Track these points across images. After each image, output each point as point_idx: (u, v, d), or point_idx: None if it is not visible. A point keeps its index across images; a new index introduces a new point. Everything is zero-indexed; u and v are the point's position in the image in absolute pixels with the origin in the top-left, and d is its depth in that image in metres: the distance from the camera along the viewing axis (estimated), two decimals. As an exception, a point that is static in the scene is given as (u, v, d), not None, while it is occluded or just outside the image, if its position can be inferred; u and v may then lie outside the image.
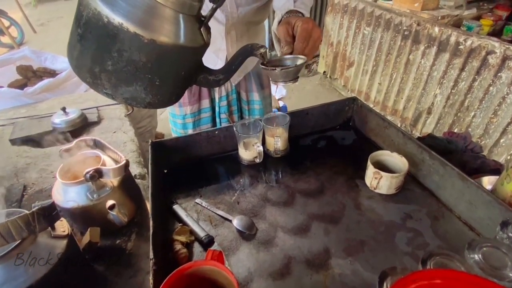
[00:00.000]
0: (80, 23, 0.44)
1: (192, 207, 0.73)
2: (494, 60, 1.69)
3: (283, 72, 0.62)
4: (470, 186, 0.60)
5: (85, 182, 0.74)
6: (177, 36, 0.45)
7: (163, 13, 0.43)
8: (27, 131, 1.27)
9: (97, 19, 0.41)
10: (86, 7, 0.42)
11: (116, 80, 0.47)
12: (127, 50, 0.43)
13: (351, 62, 2.72)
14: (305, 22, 0.68)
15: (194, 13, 0.47)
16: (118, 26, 0.41)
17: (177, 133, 1.22)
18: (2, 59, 1.75)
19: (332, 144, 0.94)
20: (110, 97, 0.49)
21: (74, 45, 0.48)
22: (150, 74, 0.46)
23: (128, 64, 0.44)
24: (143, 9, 0.42)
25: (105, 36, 0.42)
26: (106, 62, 0.45)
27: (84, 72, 0.48)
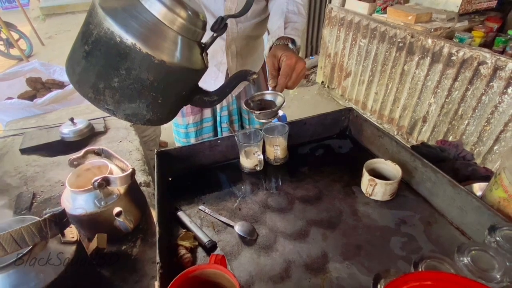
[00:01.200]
0: (88, 40, 0.45)
1: (196, 213, 0.75)
2: (486, 70, 1.71)
3: (261, 114, 0.69)
4: (460, 192, 0.62)
5: (93, 190, 0.75)
6: (184, 58, 0.47)
7: (172, 37, 0.45)
8: (36, 141, 1.29)
9: (109, 38, 0.43)
10: (98, 26, 0.44)
11: (120, 96, 0.47)
12: (136, 69, 0.45)
13: (348, 72, 2.74)
14: (289, 58, 0.70)
15: (198, 40, 0.50)
16: (131, 46, 0.42)
17: (180, 142, 1.24)
18: (12, 71, 1.78)
19: (329, 152, 0.95)
20: (111, 113, 0.50)
21: (78, 61, 0.48)
22: (155, 92, 0.48)
23: (135, 82, 0.46)
24: (155, 32, 0.44)
25: (115, 54, 0.44)
26: (112, 79, 0.46)
27: (86, 88, 0.48)
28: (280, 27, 0.82)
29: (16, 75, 1.78)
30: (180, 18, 0.46)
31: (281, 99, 0.71)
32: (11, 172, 1.13)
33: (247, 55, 1.05)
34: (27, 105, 1.54)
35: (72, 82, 0.49)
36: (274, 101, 0.73)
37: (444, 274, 0.42)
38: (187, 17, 0.46)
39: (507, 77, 1.62)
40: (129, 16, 0.44)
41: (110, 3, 0.44)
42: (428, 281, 0.42)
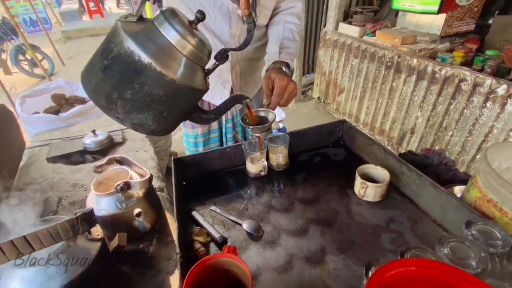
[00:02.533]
0: (108, 56, 0.47)
1: (208, 213, 0.77)
2: (466, 86, 1.75)
3: (256, 128, 0.73)
4: (441, 193, 0.65)
5: (115, 193, 0.77)
6: (190, 79, 0.50)
7: (182, 60, 0.49)
8: (61, 151, 1.31)
9: (128, 55, 0.45)
10: (119, 45, 0.46)
11: (131, 107, 0.49)
12: (149, 84, 0.47)
13: (342, 89, 2.76)
14: (281, 80, 0.74)
15: (203, 65, 0.53)
16: (147, 64, 0.45)
17: (190, 150, 1.26)
18: (39, 88, 1.83)
19: (325, 159, 0.97)
20: (120, 121, 0.51)
21: (95, 73, 0.50)
22: (162, 106, 0.50)
23: (146, 96, 0.48)
24: (168, 55, 0.47)
25: (132, 70, 0.46)
26: (126, 91, 0.47)
27: (100, 97, 0.50)
28: (275, 52, 0.85)
29: (43, 92, 1.83)
30: (190, 45, 0.49)
31: (273, 115, 0.75)
32: (38, 179, 1.16)
33: (250, 75, 1.10)
34: (52, 119, 1.58)
35: (86, 91, 0.51)
36: (267, 117, 0.76)
37: (426, 261, 0.45)
38: (196, 44, 0.49)
39: (485, 93, 1.65)
40: (148, 39, 0.47)
41: (132, 26, 0.48)
42: (412, 267, 0.45)
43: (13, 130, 1.30)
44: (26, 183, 1.15)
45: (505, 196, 0.54)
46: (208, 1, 0.85)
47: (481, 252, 0.48)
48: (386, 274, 0.44)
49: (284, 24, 0.92)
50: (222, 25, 0.90)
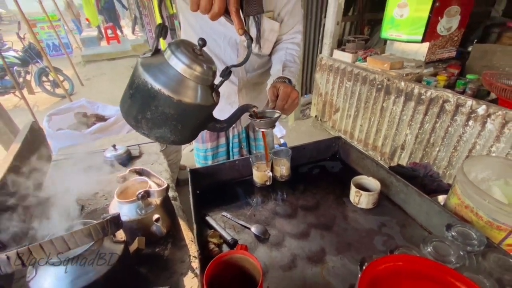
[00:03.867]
0: (132, 86, 0.55)
1: (220, 218, 0.79)
2: (450, 107, 1.80)
3: (262, 122, 0.73)
4: (425, 201, 0.69)
5: (136, 201, 0.80)
6: (195, 98, 0.55)
7: (187, 84, 0.54)
8: (84, 163, 1.36)
9: (144, 85, 0.52)
10: (138, 77, 0.53)
11: (152, 124, 0.55)
12: (162, 106, 0.53)
13: (337, 108, 2.81)
14: (286, 87, 0.80)
15: (209, 84, 0.58)
16: (158, 90, 0.51)
17: (200, 163, 1.29)
18: (64, 107, 1.91)
19: (323, 171, 1.00)
20: (146, 135, 0.58)
21: (126, 100, 0.58)
22: (175, 122, 0.56)
23: (161, 115, 0.54)
24: (175, 81, 0.53)
25: (148, 96, 0.52)
26: (146, 112, 0.54)
27: (130, 118, 0.57)
28: (279, 69, 0.92)
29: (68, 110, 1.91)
30: (195, 71, 0.54)
31: (277, 114, 0.76)
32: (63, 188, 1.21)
33: (255, 97, 1.16)
34: (76, 135, 1.64)
35: (122, 114, 0.59)
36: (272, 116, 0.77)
37: (412, 257, 0.49)
38: (201, 70, 0.54)
39: (467, 112, 1.71)
40: (158, 70, 0.53)
41: (147, 61, 0.54)
42: (400, 262, 0.48)
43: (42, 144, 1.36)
44: (52, 192, 1.19)
45: (480, 203, 0.58)
46: (219, 35, 0.93)
47: (460, 250, 0.52)
48: (377, 268, 0.48)
49: (286, 50, 0.99)
50: (230, 55, 0.96)
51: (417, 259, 0.48)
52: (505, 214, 0.55)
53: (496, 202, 0.54)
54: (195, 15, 0.92)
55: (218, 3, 0.50)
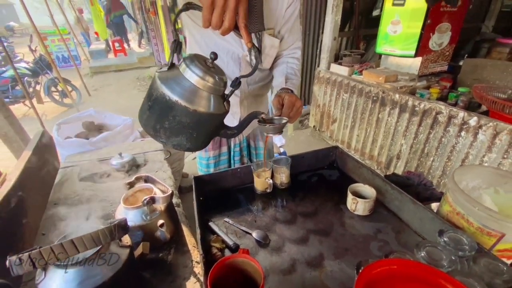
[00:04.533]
0: (150, 99, 0.57)
1: (222, 224, 0.80)
2: (443, 118, 1.82)
3: (271, 127, 0.75)
4: (419, 208, 0.70)
5: (141, 207, 0.81)
6: (209, 107, 0.57)
7: (201, 94, 0.56)
8: (91, 170, 1.38)
9: (162, 97, 0.55)
10: (156, 90, 0.56)
11: (170, 133, 0.58)
12: (179, 116, 0.55)
13: (334, 119, 2.83)
14: (291, 96, 0.83)
15: (221, 94, 0.60)
16: (175, 101, 0.54)
17: (202, 171, 1.30)
18: (73, 117, 1.93)
19: (322, 179, 1.01)
20: (164, 144, 0.61)
21: (144, 112, 0.60)
22: (191, 130, 0.58)
23: (178, 124, 0.56)
24: (190, 92, 0.55)
25: (166, 107, 0.55)
26: (164, 122, 0.57)
27: (149, 128, 0.60)
28: (282, 82, 0.95)
29: (76, 119, 1.93)
30: (208, 82, 0.56)
31: (285, 120, 0.78)
32: (70, 195, 1.20)
33: (255, 108, 1.17)
34: (83, 143, 1.65)
35: (141, 125, 0.62)
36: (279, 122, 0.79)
37: (406, 260, 0.51)
38: (213, 81, 0.57)
39: (459, 124, 1.73)
40: (174, 83, 0.56)
41: (164, 74, 0.57)
42: (394, 266, 0.50)
43: (51, 152, 1.38)
44: (60, 198, 1.20)
45: (470, 210, 0.60)
46: (222, 50, 0.96)
47: (452, 255, 0.53)
48: (373, 272, 0.49)
49: (287, 64, 1.03)
50: (233, 69, 0.99)
51: (411, 263, 0.50)
52: (495, 221, 0.56)
53: (486, 209, 0.56)
54: (200, 31, 0.96)
55: (228, 20, 0.52)
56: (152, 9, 4.54)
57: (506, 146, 1.52)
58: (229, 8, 0.51)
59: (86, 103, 4.81)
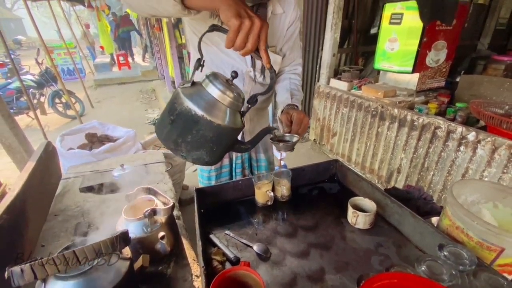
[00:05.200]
0: (173, 113, 0.59)
1: (223, 236, 0.80)
2: (441, 133, 1.84)
3: (284, 145, 0.78)
4: (419, 222, 0.70)
5: (142, 219, 0.81)
6: (231, 122, 0.60)
7: (224, 109, 0.59)
8: (93, 182, 1.38)
9: (187, 111, 0.57)
10: (180, 105, 0.58)
11: (191, 147, 0.59)
12: (202, 129, 0.57)
13: (334, 132, 2.86)
14: (299, 113, 0.86)
15: (239, 109, 0.63)
16: (200, 116, 0.56)
17: (203, 183, 1.30)
18: (77, 128, 1.96)
19: (322, 192, 1.02)
20: (184, 158, 0.61)
21: (165, 126, 0.61)
22: (212, 144, 0.60)
23: (201, 138, 0.58)
24: (214, 107, 0.58)
25: (191, 121, 0.57)
26: (187, 136, 0.58)
27: (169, 142, 0.61)
28: (288, 98, 0.99)
29: (79, 131, 1.96)
30: (229, 97, 0.59)
31: (296, 138, 0.81)
32: (71, 206, 1.21)
33: (257, 121, 1.22)
34: (86, 154, 1.67)
35: (160, 139, 0.63)
36: (291, 140, 0.83)
37: (407, 274, 0.51)
38: (233, 96, 0.60)
39: (458, 138, 1.75)
40: (199, 98, 0.58)
41: (187, 90, 0.60)
42: (395, 279, 0.50)
43: (54, 163, 1.40)
44: (61, 209, 1.20)
45: (470, 224, 0.60)
46: (227, 66, 1.00)
47: (452, 269, 0.53)
48: (373, 285, 0.49)
49: (290, 80, 1.08)
50: (237, 84, 1.04)
51: (412, 277, 0.50)
52: (494, 235, 0.57)
53: (484, 223, 0.57)
54: (206, 49, 1.00)
55: (252, 43, 0.56)
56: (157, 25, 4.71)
57: (505, 161, 1.53)
58: (253, 33, 0.55)
59: (88, 115, 4.87)
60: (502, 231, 0.55)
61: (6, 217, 0.82)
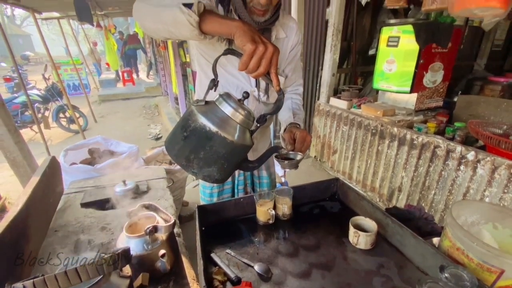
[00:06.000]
0: (187, 129, 0.61)
1: (224, 255, 0.80)
2: (441, 152, 1.86)
3: (288, 163, 0.81)
4: (420, 243, 0.70)
5: (144, 236, 0.80)
6: (243, 139, 0.62)
7: (237, 127, 0.61)
8: (94, 197, 1.38)
9: (202, 128, 0.58)
10: (195, 121, 0.60)
11: (203, 163, 0.61)
12: (216, 146, 0.59)
13: (335, 150, 2.88)
14: (302, 132, 0.90)
15: (249, 128, 0.66)
16: (215, 132, 0.58)
17: (205, 200, 1.30)
18: (80, 143, 1.99)
19: (323, 211, 1.02)
20: (194, 174, 0.62)
21: (177, 142, 0.63)
22: (224, 161, 0.61)
23: (214, 154, 0.60)
24: (227, 124, 0.60)
25: (205, 137, 0.59)
26: (200, 152, 0.60)
27: (181, 159, 0.62)
28: (290, 117, 1.03)
29: (83, 146, 1.98)
30: (241, 115, 0.62)
31: (300, 156, 0.84)
32: (72, 222, 1.20)
33: (260, 138, 1.25)
34: (88, 169, 1.68)
35: (170, 155, 0.64)
36: (295, 158, 0.85)
37: None
38: (245, 114, 0.63)
39: (458, 158, 1.76)
40: (214, 115, 0.61)
41: (202, 108, 0.62)
42: None
43: (57, 178, 1.41)
44: (61, 225, 1.20)
45: (469, 245, 0.61)
46: (232, 86, 1.04)
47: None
48: (376, 307, 0.49)
49: (291, 99, 1.13)
50: None
51: (413, 299, 0.50)
52: (494, 257, 0.57)
53: (484, 245, 0.57)
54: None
55: (264, 66, 0.59)
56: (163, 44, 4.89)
57: (505, 180, 1.54)
58: (266, 58, 0.59)
59: (91, 129, 4.93)
60: (502, 252, 0.55)
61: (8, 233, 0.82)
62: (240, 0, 0.86)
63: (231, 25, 0.62)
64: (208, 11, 0.66)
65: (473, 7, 1.18)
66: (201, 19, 0.64)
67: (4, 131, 1.53)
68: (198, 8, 0.63)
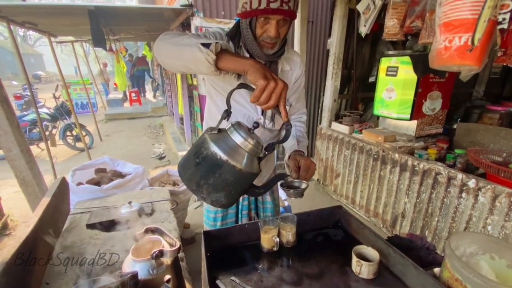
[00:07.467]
0: (199, 156, 0.65)
1: (229, 282, 0.81)
2: (442, 179, 1.87)
3: (294, 192, 0.85)
4: (421, 273, 0.72)
5: (149, 260, 0.81)
6: (251, 167, 0.66)
7: (246, 156, 0.65)
8: (100, 218, 1.40)
9: (213, 155, 0.63)
10: (207, 149, 0.64)
11: (212, 189, 0.64)
12: (225, 173, 0.62)
13: (338, 173, 2.89)
14: (306, 160, 0.94)
15: (258, 156, 0.70)
16: (225, 160, 0.62)
17: (208, 224, 1.32)
18: (88, 163, 2.04)
19: (327, 238, 1.03)
20: (203, 199, 0.66)
21: (189, 168, 0.67)
22: (231, 187, 0.65)
23: (223, 181, 0.63)
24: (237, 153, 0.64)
25: (215, 165, 0.62)
26: (209, 179, 0.63)
27: (192, 183, 0.66)
28: (294, 144, 1.08)
29: (90, 166, 2.03)
30: (250, 144, 0.65)
31: (305, 185, 0.87)
32: (77, 243, 1.21)
33: (264, 165, 1.28)
34: (95, 190, 1.72)
35: (182, 179, 0.68)
36: (300, 186, 0.89)
37: None
38: (254, 143, 0.67)
39: (459, 185, 1.77)
40: (225, 144, 0.65)
41: (214, 136, 0.67)
42: None
43: (66, 199, 1.45)
44: (66, 246, 1.21)
45: (467, 277, 0.63)
46: (239, 114, 1.11)
47: (454, 325, 0.55)
48: None
49: (295, 127, 1.19)
50: None
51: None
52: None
53: (480, 276, 0.60)
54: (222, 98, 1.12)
55: (274, 100, 0.65)
56: (171, 67, 5.10)
57: (506, 209, 1.55)
58: (276, 92, 0.65)
59: (97, 148, 5.01)
60: (497, 284, 0.57)
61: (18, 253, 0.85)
62: (251, 35, 0.95)
63: (245, 63, 0.69)
64: (223, 50, 0.73)
65: (449, 64, 1.29)
66: (217, 57, 0.71)
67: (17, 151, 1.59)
68: (216, 48, 0.71)
